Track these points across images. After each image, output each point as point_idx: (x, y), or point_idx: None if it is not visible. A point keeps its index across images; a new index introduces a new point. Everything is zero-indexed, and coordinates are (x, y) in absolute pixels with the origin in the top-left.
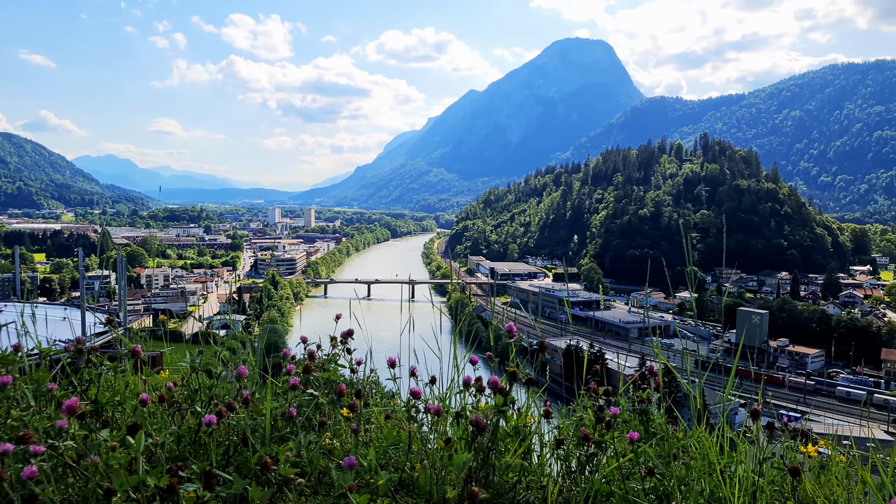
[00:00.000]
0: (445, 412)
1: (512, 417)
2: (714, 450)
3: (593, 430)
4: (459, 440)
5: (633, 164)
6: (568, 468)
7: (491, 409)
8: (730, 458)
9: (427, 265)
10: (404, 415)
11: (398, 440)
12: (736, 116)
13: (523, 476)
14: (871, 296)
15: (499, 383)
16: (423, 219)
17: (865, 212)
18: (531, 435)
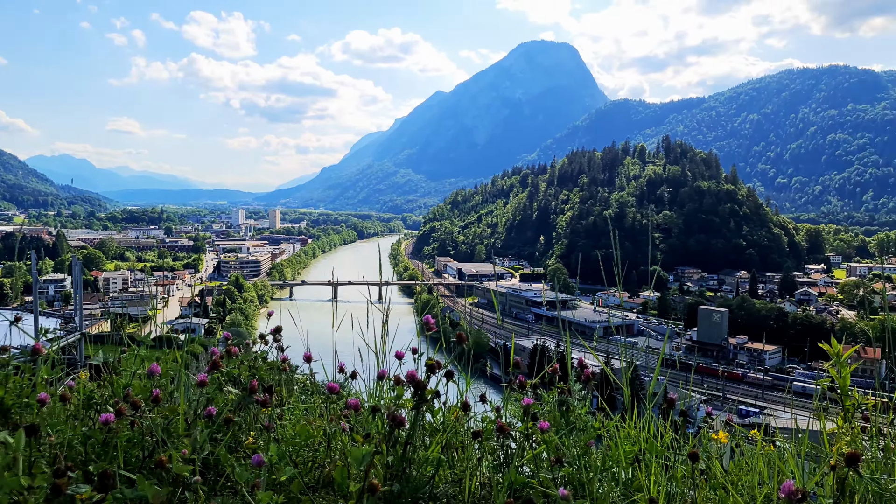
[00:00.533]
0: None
1: (439, 411)
2: (642, 438)
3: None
4: (377, 435)
5: (597, 166)
6: (494, 460)
7: (409, 402)
8: (649, 445)
9: (394, 266)
10: (331, 411)
11: (312, 436)
12: (697, 119)
13: (442, 469)
14: (825, 293)
15: (416, 376)
16: (390, 220)
17: (819, 212)
18: (450, 428)
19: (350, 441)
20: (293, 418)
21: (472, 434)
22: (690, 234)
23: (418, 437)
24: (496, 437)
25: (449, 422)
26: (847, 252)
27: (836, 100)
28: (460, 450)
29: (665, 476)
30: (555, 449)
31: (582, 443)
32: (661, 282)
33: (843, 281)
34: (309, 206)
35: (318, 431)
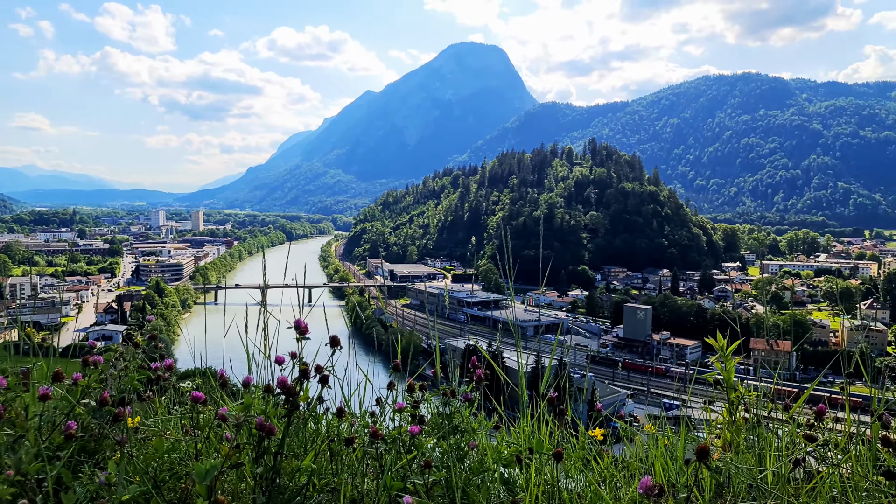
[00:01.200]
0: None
1: (322, 417)
2: (524, 437)
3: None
4: (246, 445)
5: (527, 167)
6: (379, 466)
7: (278, 412)
8: (536, 444)
9: (325, 268)
10: (196, 421)
11: (171, 450)
12: (621, 123)
13: (316, 478)
14: (741, 290)
15: (286, 382)
16: (320, 221)
17: (735, 213)
18: (322, 436)
19: (216, 454)
20: (153, 431)
21: (345, 441)
22: (616, 233)
23: (299, 446)
24: (370, 443)
25: (334, 428)
26: (760, 250)
27: (750, 105)
28: (343, 457)
29: (557, 471)
30: (423, 452)
31: (462, 444)
32: (588, 281)
33: (756, 278)
34: (234, 207)
35: (177, 445)
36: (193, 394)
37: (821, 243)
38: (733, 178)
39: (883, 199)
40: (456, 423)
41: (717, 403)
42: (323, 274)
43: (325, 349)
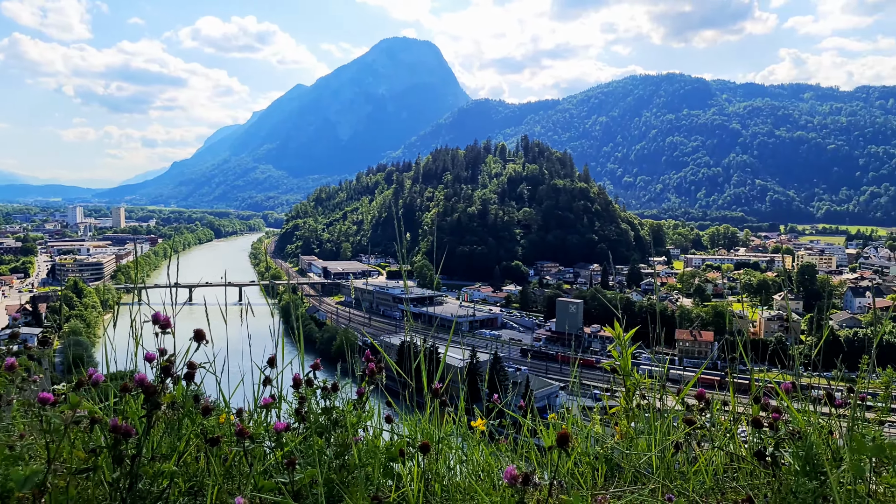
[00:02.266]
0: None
1: (198, 418)
2: (414, 431)
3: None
4: (103, 449)
5: (461, 164)
6: (248, 466)
7: (138, 413)
8: (427, 438)
9: (256, 266)
10: (56, 427)
11: (14, 456)
12: (552, 120)
13: (180, 480)
14: (667, 283)
15: (145, 380)
16: (250, 217)
17: (661, 209)
18: (186, 436)
19: (71, 457)
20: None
21: (209, 441)
22: (548, 229)
23: (165, 448)
24: (236, 442)
25: (211, 428)
26: (684, 245)
27: (674, 105)
28: (214, 457)
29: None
30: (295, 450)
31: (341, 440)
32: (522, 276)
33: (681, 271)
34: (159, 203)
35: (24, 450)
36: (41, 395)
37: (740, 238)
38: (659, 176)
39: (796, 195)
40: (336, 418)
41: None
42: (254, 272)
43: (244, 348)
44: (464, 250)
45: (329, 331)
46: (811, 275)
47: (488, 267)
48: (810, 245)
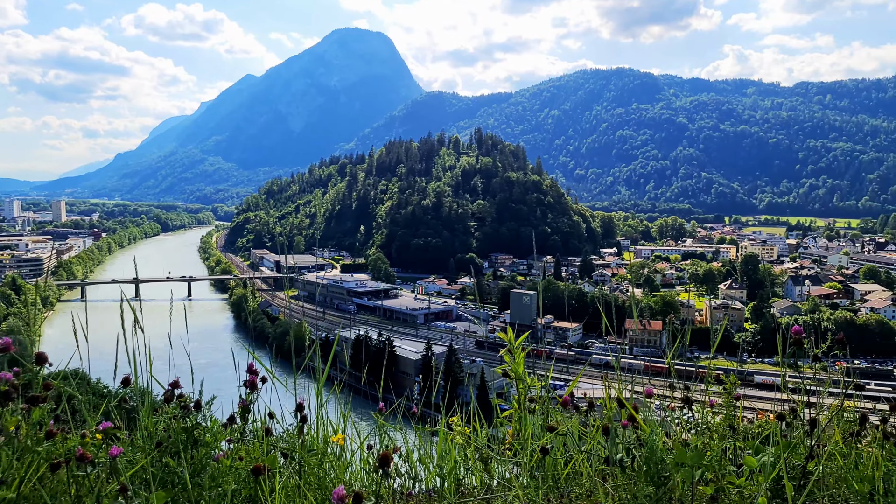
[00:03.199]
0: None
1: (61, 437)
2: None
3: None
4: None
5: (415, 156)
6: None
7: None
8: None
9: (205, 260)
10: None
11: None
12: (505, 113)
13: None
14: (617, 274)
15: None
16: (198, 211)
17: (611, 201)
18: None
19: None
20: None
21: (50, 466)
22: (502, 222)
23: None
24: (78, 467)
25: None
26: (634, 236)
27: (623, 99)
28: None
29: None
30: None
31: (199, 459)
32: (476, 268)
33: (631, 262)
34: (102, 196)
35: None
36: None
37: (687, 229)
38: (609, 168)
39: (740, 187)
40: (197, 437)
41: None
42: (203, 266)
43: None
44: (418, 243)
45: (282, 325)
46: (754, 264)
47: (443, 259)
48: (753, 236)
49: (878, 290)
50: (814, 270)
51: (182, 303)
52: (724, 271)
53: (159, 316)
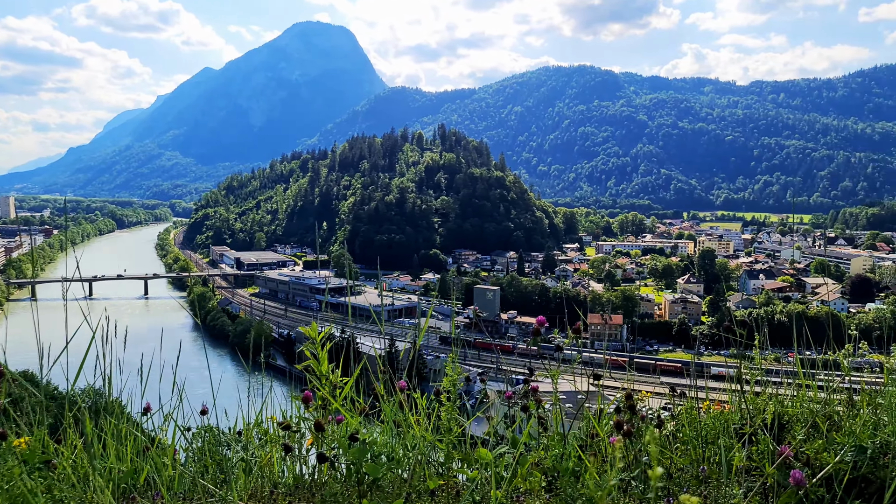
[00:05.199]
0: None
1: None
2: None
3: None
4: None
5: (378, 152)
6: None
7: None
8: None
9: (162, 258)
10: None
11: None
12: (469, 109)
13: None
14: (579, 269)
15: None
16: (156, 207)
17: (574, 197)
18: None
19: None
20: None
21: None
22: (466, 217)
23: None
24: None
25: None
26: (596, 232)
27: (585, 96)
28: None
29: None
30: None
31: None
32: (440, 264)
33: (592, 258)
34: (53, 191)
35: None
36: None
37: (647, 225)
38: (572, 165)
39: (698, 184)
40: None
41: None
42: (161, 264)
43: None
44: (382, 239)
45: (242, 323)
46: (711, 259)
47: (407, 255)
48: (710, 231)
49: (829, 283)
50: (768, 265)
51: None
52: (682, 266)
53: (114, 315)
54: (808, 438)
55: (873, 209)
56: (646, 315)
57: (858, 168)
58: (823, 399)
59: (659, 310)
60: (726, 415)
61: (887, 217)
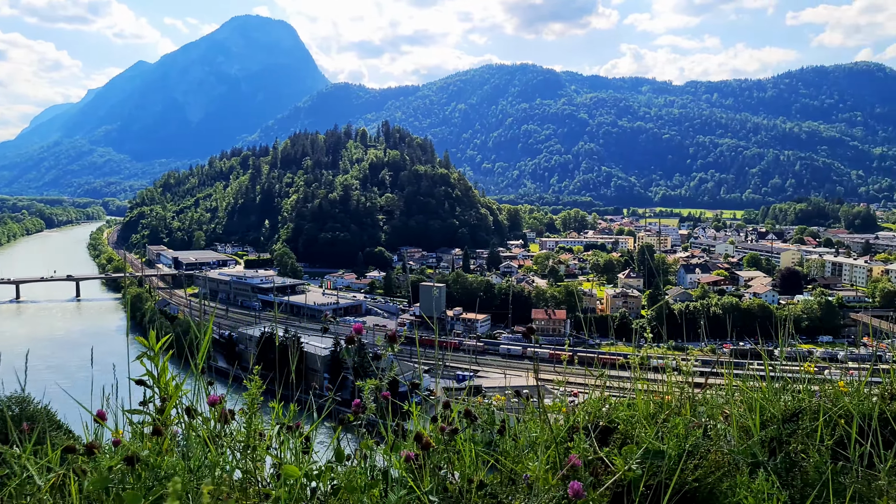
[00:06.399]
0: None
1: None
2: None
3: None
4: None
5: (321, 149)
6: None
7: None
8: None
9: (95, 258)
10: None
11: None
12: (413, 106)
13: None
14: (524, 265)
15: None
16: (87, 205)
17: (518, 194)
18: None
19: None
20: None
21: None
22: (411, 215)
23: None
24: None
25: None
26: (539, 229)
27: (528, 95)
28: None
29: None
30: None
31: None
32: (385, 261)
33: (536, 254)
34: None
35: None
36: None
37: (589, 221)
38: (516, 162)
39: (637, 181)
40: None
41: None
42: (93, 264)
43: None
44: (326, 237)
45: (181, 325)
46: (650, 254)
47: (352, 253)
48: (649, 227)
49: (760, 276)
50: (703, 259)
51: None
52: (622, 261)
53: (44, 318)
54: (625, 442)
55: (801, 205)
56: (588, 310)
57: (787, 165)
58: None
59: (601, 304)
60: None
61: (814, 212)
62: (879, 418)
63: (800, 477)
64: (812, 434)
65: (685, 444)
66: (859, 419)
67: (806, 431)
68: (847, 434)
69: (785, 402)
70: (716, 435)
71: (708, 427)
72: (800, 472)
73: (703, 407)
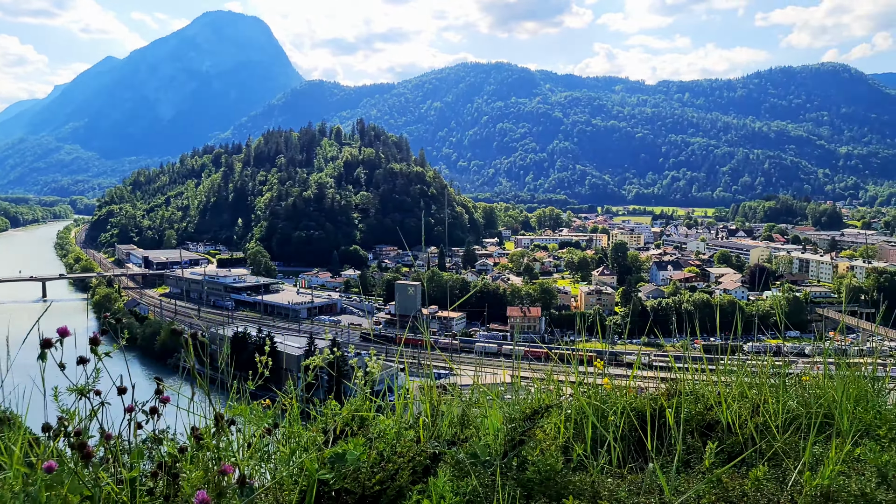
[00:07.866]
0: None
1: None
2: None
3: None
4: None
5: (295, 147)
6: None
7: None
8: None
9: (63, 258)
10: None
11: None
12: (388, 104)
13: None
14: (499, 263)
15: None
16: (54, 204)
17: (493, 192)
18: None
19: None
20: None
21: None
22: (386, 213)
23: None
24: None
25: None
26: (515, 226)
27: (503, 93)
28: None
29: None
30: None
31: None
32: (361, 260)
33: (511, 252)
34: None
35: None
36: None
37: (563, 219)
38: (491, 160)
39: (611, 179)
40: None
41: None
42: (61, 264)
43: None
44: (300, 235)
45: (152, 325)
46: (623, 252)
47: (326, 252)
48: (623, 225)
49: (730, 272)
50: (675, 256)
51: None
52: (596, 259)
53: (8, 320)
54: None
55: (770, 203)
56: (563, 307)
57: (756, 164)
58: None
59: (575, 301)
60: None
61: (782, 210)
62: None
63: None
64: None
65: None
66: (594, 417)
67: (542, 429)
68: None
69: (529, 400)
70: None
71: None
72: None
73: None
